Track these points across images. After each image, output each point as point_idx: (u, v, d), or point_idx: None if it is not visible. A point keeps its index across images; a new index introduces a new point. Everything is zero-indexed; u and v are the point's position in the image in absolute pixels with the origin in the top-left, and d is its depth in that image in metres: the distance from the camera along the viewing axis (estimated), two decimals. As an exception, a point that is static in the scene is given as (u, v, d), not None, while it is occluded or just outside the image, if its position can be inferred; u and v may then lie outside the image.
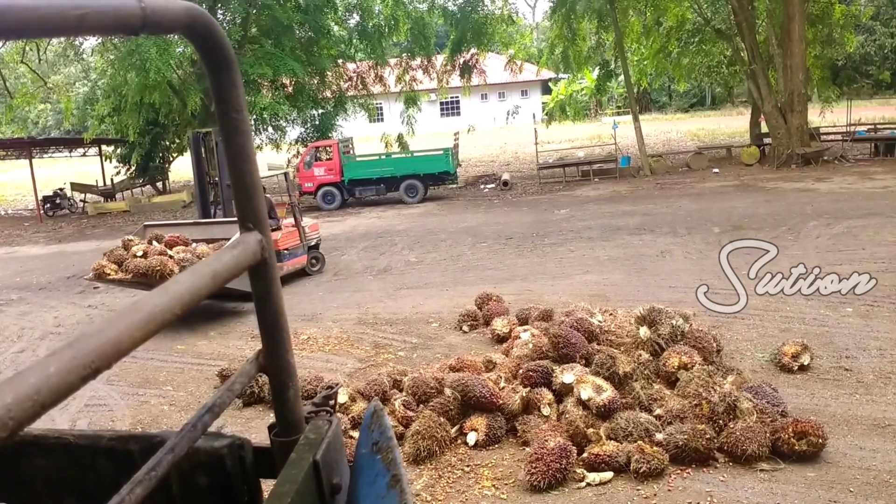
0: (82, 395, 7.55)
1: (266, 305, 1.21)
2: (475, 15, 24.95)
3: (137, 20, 0.81)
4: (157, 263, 9.25)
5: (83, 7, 0.72)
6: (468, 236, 14.91)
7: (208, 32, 0.99)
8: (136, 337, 0.80)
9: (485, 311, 8.65)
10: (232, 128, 1.10)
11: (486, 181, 25.19)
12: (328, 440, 1.29)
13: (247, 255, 1.11)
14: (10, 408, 0.59)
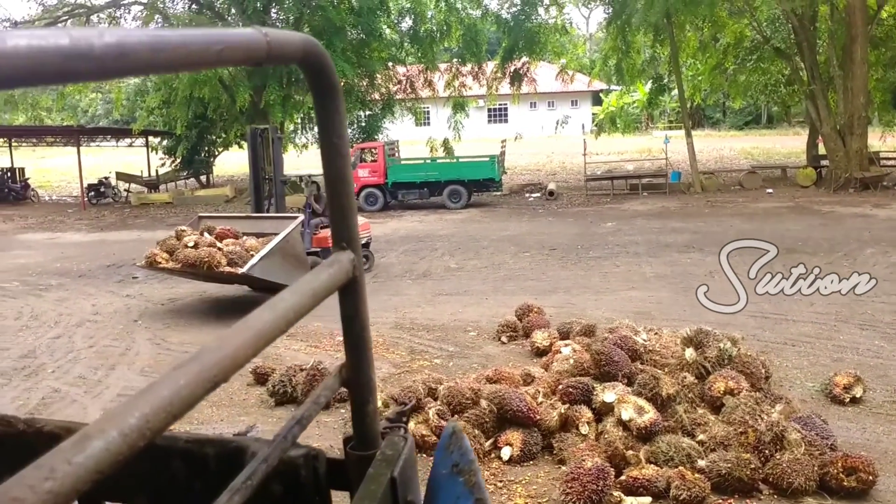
0: (115, 385, 7.59)
1: (353, 322, 1.26)
2: (528, 23, 24.83)
3: (263, 53, 0.87)
4: (206, 255, 9.37)
5: (223, 42, 0.79)
6: (511, 245, 14.75)
7: (319, 62, 1.06)
8: (249, 353, 0.85)
9: (525, 323, 8.48)
10: (333, 152, 1.17)
11: (531, 190, 25.00)
12: (404, 457, 1.31)
13: (341, 274, 1.16)
14: (149, 419, 0.64)
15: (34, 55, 0.55)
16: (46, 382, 7.74)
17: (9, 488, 0.52)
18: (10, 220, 22.81)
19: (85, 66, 0.59)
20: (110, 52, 0.61)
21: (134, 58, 0.65)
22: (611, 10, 25.40)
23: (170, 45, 0.70)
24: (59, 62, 0.57)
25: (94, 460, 0.58)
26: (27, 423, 1.46)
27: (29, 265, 14.54)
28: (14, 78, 0.55)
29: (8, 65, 0.53)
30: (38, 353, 8.68)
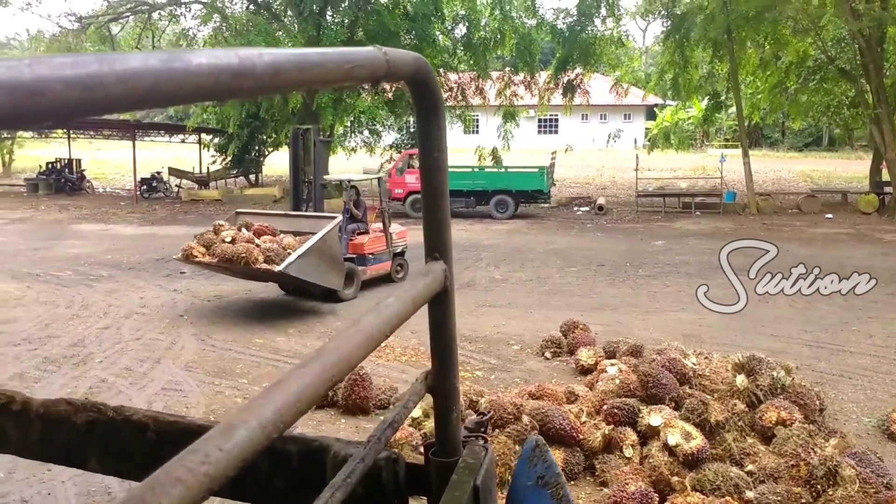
0: (160, 379, 7.64)
1: (442, 330, 1.28)
2: (584, 34, 24.59)
3: (383, 71, 0.93)
4: (243, 251, 9.33)
5: (353, 61, 0.85)
6: (557, 259, 14.56)
7: (426, 80, 1.11)
8: (361, 354, 0.90)
9: (570, 339, 8.33)
10: (433, 166, 1.23)
11: (580, 204, 24.74)
12: (486, 466, 1.35)
13: (435, 283, 1.20)
14: (282, 412, 0.69)
15: (212, 73, 0.60)
16: (94, 372, 7.84)
17: (171, 469, 0.56)
18: (66, 210, 23.36)
19: (248, 83, 0.64)
20: (267, 70, 0.66)
21: (285, 76, 0.70)
22: (669, 23, 25.05)
23: (312, 64, 0.77)
24: (229, 80, 0.61)
25: (239, 448, 0.63)
26: (116, 410, 1.56)
27: (81, 255, 14.83)
28: (195, 94, 0.59)
29: (192, 82, 0.58)
30: (86, 343, 8.81)
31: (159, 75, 0.55)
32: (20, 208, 23.77)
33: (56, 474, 5.44)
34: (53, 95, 0.47)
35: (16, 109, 0.45)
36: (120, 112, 0.56)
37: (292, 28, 23.51)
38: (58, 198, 27.01)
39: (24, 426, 1.62)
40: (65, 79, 0.48)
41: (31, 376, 7.66)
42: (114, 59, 0.52)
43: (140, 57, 0.54)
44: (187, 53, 0.58)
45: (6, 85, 0.45)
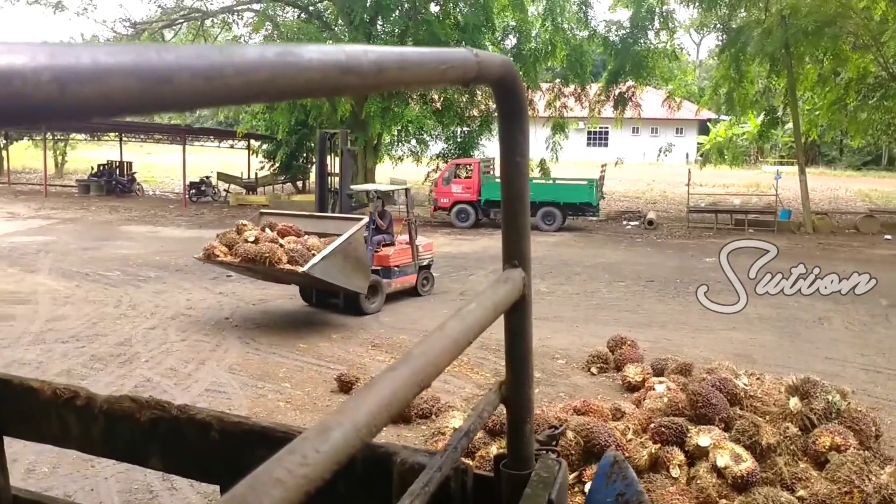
0: (204, 380, 7.72)
1: (519, 340, 1.28)
2: (637, 47, 24.36)
3: (474, 73, 0.92)
4: (267, 250, 9.14)
5: (448, 62, 0.85)
6: (605, 273, 14.37)
7: (512, 83, 1.10)
8: (447, 359, 0.90)
9: (617, 355, 8.19)
10: (515, 171, 1.20)
11: (629, 218, 24.45)
12: (560, 481, 1.32)
13: (514, 291, 1.18)
14: (374, 416, 0.69)
15: (322, 69, 0.60)
16: (139, 371, 7.96)
17: (271, 469, 0.56)
18: (116, 212, 23.91)
19: (354, 80, 0.64)
20: (372, 68, 0.67)
21: (388, 74, 0.70)
22: (724, 37, 24.64)
23: (412, 63, 0.78)
24: (337, 76, 0.62)
25: (335, 451, 0.62)
26: (180, 409, 1.58)
27: (130, 256, 15.13)
28: (305, 89, 0.60)
29: (303, 77, 0.58)
30: (133, 342, 8.96)
31: (275, 69, 0.55)
32: (72, 209, 24.40)
33: (99, 470, 5.52)
34: (179, 84, 0.47)
35: (144, 96, 0.45)
36: (235, 105, 0.56)
37: (342, 37, 23.74)
38: (108, 199, 27.67)
39: (87, 422, 1.63)
40: (190, 68, 0.48)
41: (78, 373, 7.81)
42: (233, 51, 0.53)
43: (257, 50, 0.55)
44: (299, 48, 0.59)
45: (136, 70, 0.45)
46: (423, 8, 23.46)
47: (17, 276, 12.85)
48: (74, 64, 0.41)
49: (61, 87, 0.40)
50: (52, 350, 8.60)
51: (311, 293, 10.75)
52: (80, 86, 0.41)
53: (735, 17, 24.62)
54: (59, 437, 1.70)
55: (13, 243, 16.55)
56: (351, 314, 10.29)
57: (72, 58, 0.41)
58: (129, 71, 0.44)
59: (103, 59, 0.43)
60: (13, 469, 2.35)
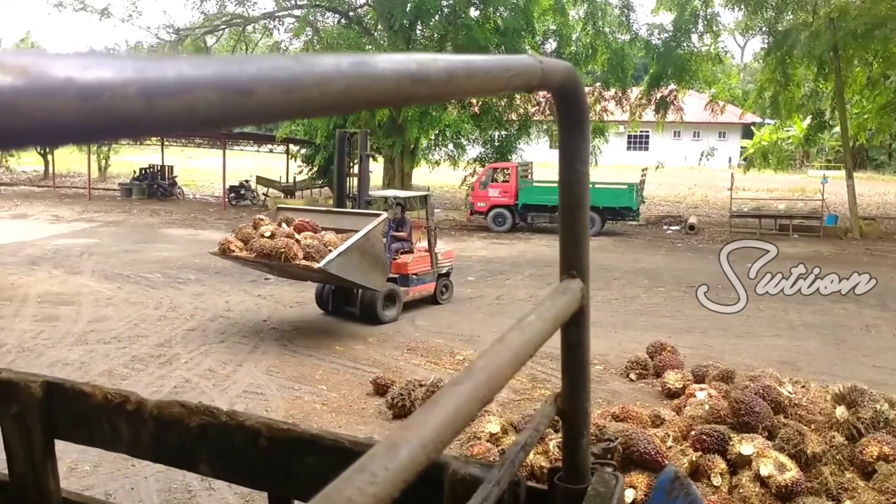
0: (241, 382, 7.78)
1: (576, 352, 1.25)
2: (680, 50, 24.05)
3: (538, 80, 0.92)
4: (283, 245, 8.89)
5: (514, 69, 0.85)
6: (644, 278, 14.18)
7: (574, 90, 1.10)
8: (509, 373, 0.89)
9: (656, 361, 8.07)
10: (575, 178, 1.19)
11: (669, 222, 24.13)
12: (617, 496, 1.30)
13: (573, 302, 1.16)
14: (440, 432, 0.69)
15: (394, 79, 0.60)
16: (179, 372, 8.05)
17: (340, 488, 0.56)
18: (157, 215, 24.29)
19: (425, 89, 0.65)
20: (442, 77, 0.67)
21: (456, 83, 0.70)
22: (770, 40, 24.21)
23: (480, 72, 0.77)
24: (408, 86, 0.61)
25: (403, 468, 0.61)
26: (229, 415, 1.57)
27: (170, 259, 15.35)
28: (378, 100, 0.60)
29: (376, 87, 0.58)
30: (173, 343, 9.08)
31: (350, 79, 0.55)
32: (114, 212, 24.86)
33: (139, 470, 5.58)
34: (260, 96, 0.47)
35: (226, 108, 0.45)
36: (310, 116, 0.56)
37: (382, 42, 23.85)
38: (150, 203, 28.13)
39: (137, 426, 1.65)
40: (270, 79, 0.48)
41: (119, 373, 7.93)
42: (311, 61, 0.53)
43: (332, 60, 0.55)
44: (372, 58, 0.59)
45: (219, 83, 0.44)
46: (463, 12, 23.45)
47: (62, 277, 13.13)
48: (160, 77, 0.41)
49: (148, 100, 0.40)
50: (94, 351, 8.75)
51: (327, 300, 10.57)
52: (166, 99, 0.41)
53: (781, 19, 24.17)
54: (109, 440, 1.72)
55: (58, 246, 16.92)
56: (367, 323, 10.08)
57: (157, 71, 0.41)
58: (212, 84, 0.44)
59: (187, 72, 0.43)
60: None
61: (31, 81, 0.36)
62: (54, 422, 1.78)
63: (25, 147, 0.37)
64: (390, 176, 25.93)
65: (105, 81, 0.38)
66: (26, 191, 33.28)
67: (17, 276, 13.18)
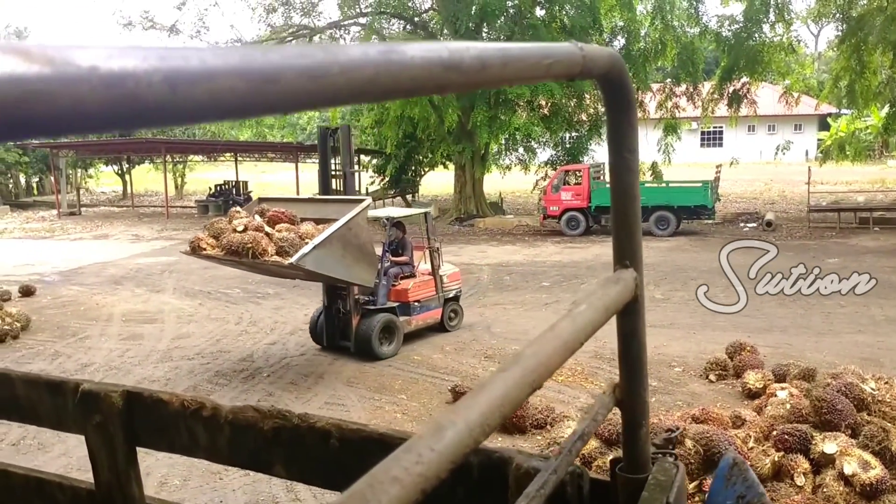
0: (323, 393, 8.04)
1: (631, 342, 1.26)
2: (751, 41, 23.56)
3: (579, 67, 0.91)
4: (250, 240, 7.98)
5: (552, 56, 0.83)
6: (722, 277, 13.95)
7: (620, 76, 1.09)
8: (558, 360, 0.89)
9: (736, 362, 8.06)
10: (623, 167, 1.18)
11: (746, 219, 23.67)
12: (678, 484, 1.30)
13: (626, 292, 1.16)
14: (486, 416, 0.69)
15: (425, 66, 0.60)
16: (261, 386, 8.37)
17: (388, 468, 0.57)
18: (237, 230, 24.95)
19: (457, 77, 0.65)
20: (475, 64, 0.67)
21: (490, 70, 0.70)
22: (844, 26, 23.55)
23: (514, 59, 0.76)
24: (440, 73, 0.62)
25: (449, 450, 0.62)
26: (301, 417, 1.61)
27: (248, 274, 15.80)
28: (409, 87, 0.60)
29: (407, 75, 0.58)
30: (254, 358, 9.42)
31: (378, 67, 0.56)
32: (192, 229, 25.61)
33: (227, 483, 5.85)
34: (286, 84, 0.48)
35: (251, 96, 0.46)
36: (339, 105, 0.58)
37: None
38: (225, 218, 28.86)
39: (213, 431, 1.70)
40: (295, 67, 0.49)
41: (204, 389, 8.26)
42: (337, 50, 0.53)
43: (361, 48, 0.56)
44: (402, 45, 0.59)
45: (243, 71, 0.45)
46: (529, 12, 23.51)
47: (144, 296, 13.68)
48: (184, 65, 0.42)
49: (172, 87, 0.41)
50: (178, 367, 9.13)
51: (321, 333, 9.61)
52: (190, 87, 0.42)
53: (855, 5, 23.48)
54: (187, 446, 1.77)
55: (139, 264, 17.59)
56: (363, 359, 9.14)
57: (181, 60, 0.42)
58: (237, 71, 0.45)
59: (211, 61, 0.44)
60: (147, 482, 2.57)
61: (57, 69, 0.37)
62: (135, 430, 1.83)
63: (53, 135, 0.40)
64: (461, 183, 26.13)
65: (129, 70, 0.39)
66: (106, 211, 34.57)
67: (101, 295, 13.77)
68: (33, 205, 37.66)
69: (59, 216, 31.38)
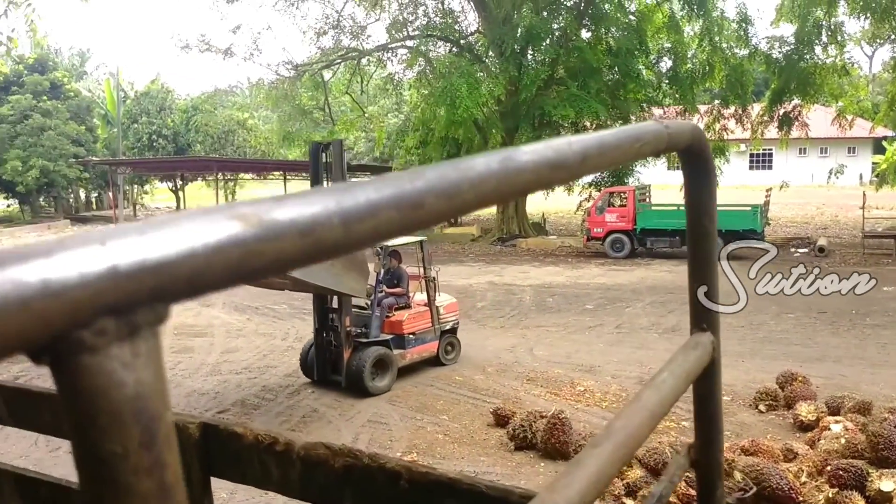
0: (366, 411, 8.02)
1: (708, 403, 1.27)
2: (802, 63, 23.11)
3: (664, 144, 0.97)
4: None
5: (643, 139, 0.90)
6: (772, 304, 13.60)
7: (701, 148, 1.13)
8: (646, 432, 0.91)
9: (787, 392, 7.79)
10: (702, 233, 1.22)
11: (797, 244, 23.09)
12: None
13: (704, 356, 1.18)
14: (584, 493, 0.71)
15: (535, 168, 0.66)
16: (306, 402, 8.41)
17: None
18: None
19: (562, 173, 0.71)
20: (577, 158, 0.72)
21: (590, 161, 0.75)
22: (901, 48, 22.99)
23: (610, 147, 0.82)
24: (548, 172, 0.68)
25: None
26: (371, 457, 1.60)
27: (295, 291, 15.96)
28: (522, 189, 0.65)
29: (521, 179, 0.64)
30: (300, 374, 9.43)
31: (499, 177, 0.60)
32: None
33: (272, 498, 5.82)
34: (428, 207, 0.52)
35: (403, 222, 0.50)
36: (466, 213, 0.61)
37: (493, 68, 24.10)
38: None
39: (285, 466, 1.73)
40: (435, 190, 0.53)
41: (251, 403, 8.36)
42: (465, 165, 0.58)
43: (484, 161, 0.60)
44: (515, 152, 0.64)
45: (397, 201, 0.50)
46: (574, 35, 23.44)
47: (195, 310, 13.89)
48: (354, 205, 0.47)
49: (346, 227, 0.46)
50: (227, 381, 9.25)
51: (312, 366, 9.19)
52: (359, 224, 0.47)
53: (912, 25, 22.92)
54: (260, 479, 1.80)
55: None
56: (354, 395, 8.68)
57: (352, 200, 0.47)
58: (392, 203, 0.49)
59: (373, 196, 0.48)
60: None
61: (266, 229, 0.42)
62: (211, 461, 1.88)
63: (257, 280, 0.46)
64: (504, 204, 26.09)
65: (316, 217, 0.45)
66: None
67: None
68: (92, 219, 38.76)
69: (116, 231, 32.10)
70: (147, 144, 40.90)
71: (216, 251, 0.41)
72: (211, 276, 0.41)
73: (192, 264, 0.40)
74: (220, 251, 0.41)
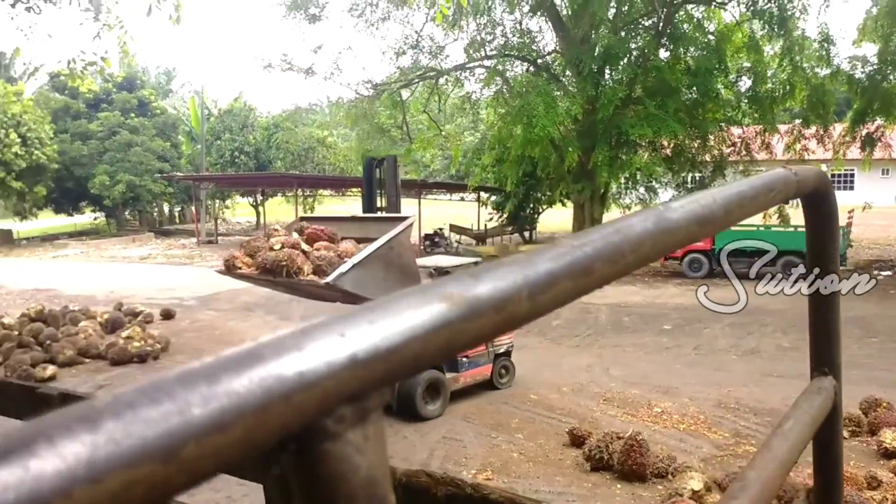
0: (440, 428, 8.17)
1: (829, 449, 1.26)
2: (886, 83, 22.52)
3: (794, 190, 0.99)
4: (285, 257, 7.46)
5: (775, 188, 0.93)
6: (855, 327, 13.37)
7: (825, 194, 1.13)
8: (778, 483, 0.92)
9: (871, 418, 7.71)
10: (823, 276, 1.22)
11: (881, 267, 22.43)
12: None
13: (827, 402, 1.17)
14: None
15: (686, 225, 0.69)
16: (383, 418, 8.58)
17: None
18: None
19: (709, 227, 0.75)
20: (720, 212, 0.77)
21: (733, 213, 0.80)
22: None
23: (748, 199, 0.86)
24: (696, 228, 0.72)
25: None
26: (473, 487, 1.63)
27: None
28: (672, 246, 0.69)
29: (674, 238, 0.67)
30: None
31: (654, 237, 0.63)
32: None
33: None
34: (597, 273, 0.55)
35: (575, 289, 0.53)
36: (624, 276, 0.63)
37: (571, 88, 24.15)
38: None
39: None
40: (601, 255, 0.56)
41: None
42: (626, 228, 0.61)
43: (641, 222, 0.63)
44: (667, 212, 0.68)
45: (570, 270, 0.53)
46: (653, 54, 23.35)
47: (274, 323, 14.31)
48: (537, 277, 0.50)
49: (532, 299, 0.49)
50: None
51: None
52: (542, 295, 0.49)
53: None
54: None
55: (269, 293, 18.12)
56: (406, 419, 8.44)
57: (534, 273, 0.50)
58: (566, 272, 0.52)
59: (551, 267, 0.51)
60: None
61: (469, 307, 0.45)
62: None
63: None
64: (580, 221, 26.04)
65: (508, 292, 0.47)
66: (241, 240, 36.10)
67: (234, 321, 14.59)
68: (175, 232, 40.25)
69: (199, 244, 33.36)
70: (229, 160, 42.17)
71: (432, 333, 0.43)
72: (426, 356, 0.43)
73: (413, 347, 0.42)
74: (435, 333, 0.43)
